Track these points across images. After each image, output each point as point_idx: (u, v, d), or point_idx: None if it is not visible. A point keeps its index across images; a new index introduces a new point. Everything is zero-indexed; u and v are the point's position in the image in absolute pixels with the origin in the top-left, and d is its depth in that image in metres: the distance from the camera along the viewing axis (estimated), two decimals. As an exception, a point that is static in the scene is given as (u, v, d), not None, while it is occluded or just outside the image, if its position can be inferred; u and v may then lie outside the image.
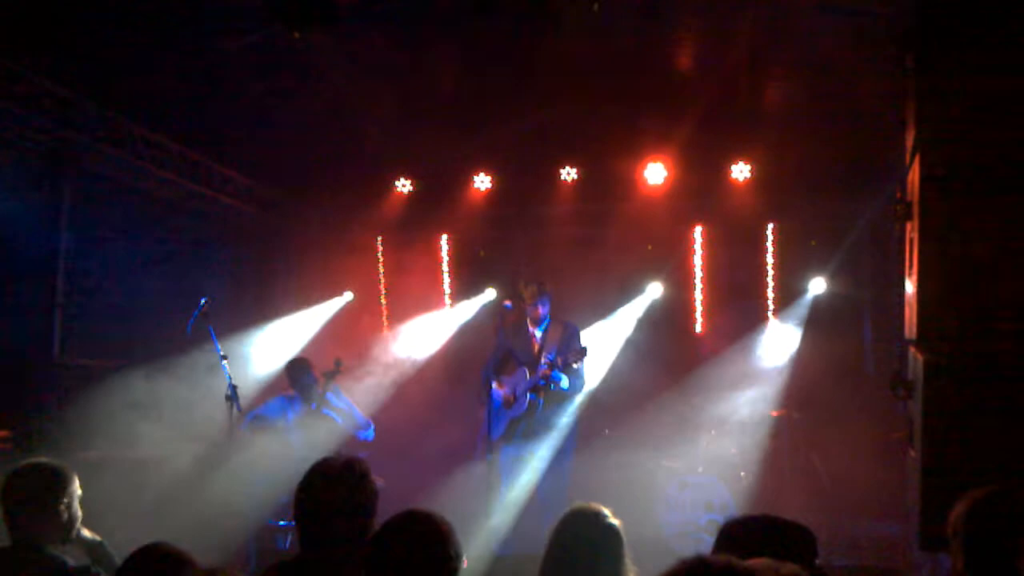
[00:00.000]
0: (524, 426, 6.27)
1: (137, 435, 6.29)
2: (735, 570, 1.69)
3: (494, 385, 6.40)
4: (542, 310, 6.44)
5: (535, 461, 6.24)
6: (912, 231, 4.62)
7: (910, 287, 4.69)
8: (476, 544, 6.11)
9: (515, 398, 6.31)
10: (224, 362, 5.75)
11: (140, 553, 2.71)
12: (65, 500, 3.23)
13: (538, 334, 6.46)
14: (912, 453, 4.58)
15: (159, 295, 7.08)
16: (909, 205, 4.64)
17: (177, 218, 7.82)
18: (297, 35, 5.45)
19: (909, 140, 4.76)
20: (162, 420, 6.30)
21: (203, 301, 5.80)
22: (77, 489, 3.29)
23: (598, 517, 2.91)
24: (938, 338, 4.39)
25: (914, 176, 4.60)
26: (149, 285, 7.16)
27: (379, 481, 3.12)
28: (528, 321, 6.50)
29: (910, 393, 4.65)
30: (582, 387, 6.36)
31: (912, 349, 4.62)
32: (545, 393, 6.23)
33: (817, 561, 2.61)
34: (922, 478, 4.28)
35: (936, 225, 4.46)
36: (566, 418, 6.33)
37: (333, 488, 2.96)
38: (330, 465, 3.05)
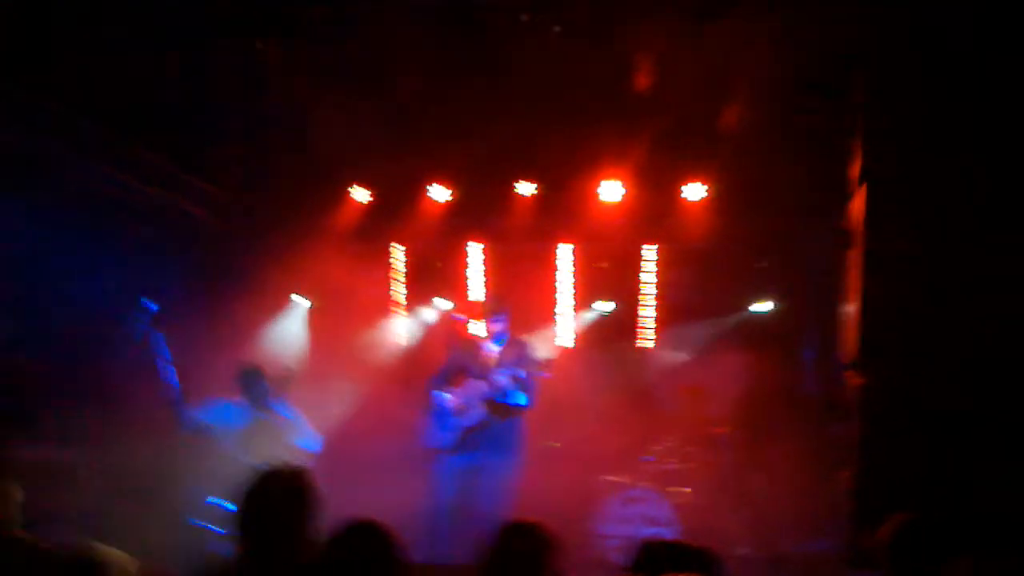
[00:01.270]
0: (472, 437, 6.28)
1: (76, 436, 6.19)
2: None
3: (444, 395, 6.41)
4: (499, 326, 6.46)
5: (479, 472, 6.25)
6: (852, 259, 4.77)
7: (847, 312, 4.82)
8: (417, 553, 6.11)
9: (466, 409, 6.32)
10: (167, 366, 5.68)
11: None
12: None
13: (493, 348, 6.48)
14: (844, 473, 4.70)
15: (104, 297, 6.95)
16: (850, 234, 4.79)
17: (125, 219, 7.68)
18: (260, 45, 5.46)
19: (853, 171, 4.91)
20: (101, 422, 6.20)
21: (149, 304, 5.73)
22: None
23: (535, 531, 2.94)
24: (872, 363, 4.52)
25: (856, 206, 4.75)
26: (94, 286, 7.03)
27: (323, 491, 3.12)
28: (481, 334, 6.52)
29: (844, 415, 4.78)
30: (533, 402, 6.39)
31: (847, 372, 4.76)
32: (497, 407, 6.25)
33: None
34: (852, 498, 4.40)
35: (875, 255, 4.60)
36: (513, 432, 6.36)
37: (275, 496, 2.97)
38: (272, 474, 3.05)
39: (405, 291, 9.15)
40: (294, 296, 8.96)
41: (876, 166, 4.57)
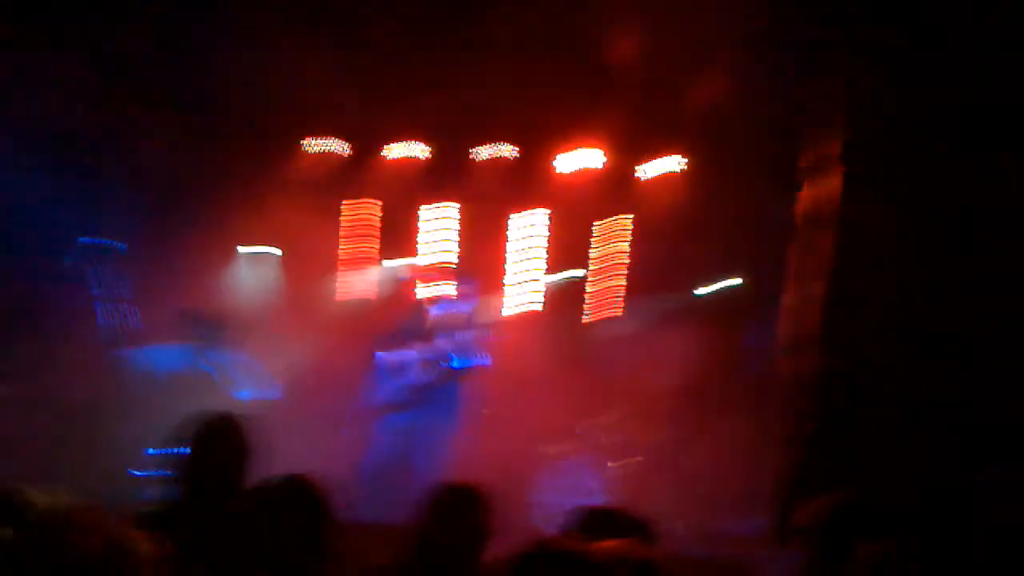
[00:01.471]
0: (414, 398, 6.29)
1: (6, 372, 6.05)
2: (575, 555, 1.76)
3: (384, 354, 6.39)
4: (465, 290, 6.44)
5: (416, 432, 6.26)
6: (804, 242, 4.85)
7: (788, 295, 4.92)
8: (352, 511, 6.11)
9: (405, 369, 6.32)
10: (104, 303, 5.54)
11: None
12: None
13: (436, 309, 6.46)
14: (780, 452, 4.82)
15: (45, 230, 6.77)
16: (796, 223, 4.87)
17: (71, 149, 7.46)
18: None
19: (803, 160, 4.98)
20: (33, 358, 6.06)
21: (87, 239, 5.59)
22: None
23: (469, 492, 2.96)
24: (819, 346, 4.62)
25: (811, 192, 4.82)
26: (35, 218, 6.84)
27: (261, 442, 3.11)
28: (428, 295, 6.50)
29: (785, 397, 4.88)
30: (474, 366, 6.40)
31: (785, 356, 4.86)
32: (438, 368, 6.25)
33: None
34: (783, 479, 4.51)
35: (827, 240, 4.68)
36: (452, 394, 6.37)
37: (207, 443, 2.95)
38: (205, 420, 3.04)
39: (360, 248, 9.04)
40: (247, 245, 8.82)
41: (847, 154, 4.63)
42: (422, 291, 6.59)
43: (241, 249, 8.74)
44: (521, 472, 7.23)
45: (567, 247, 8.67)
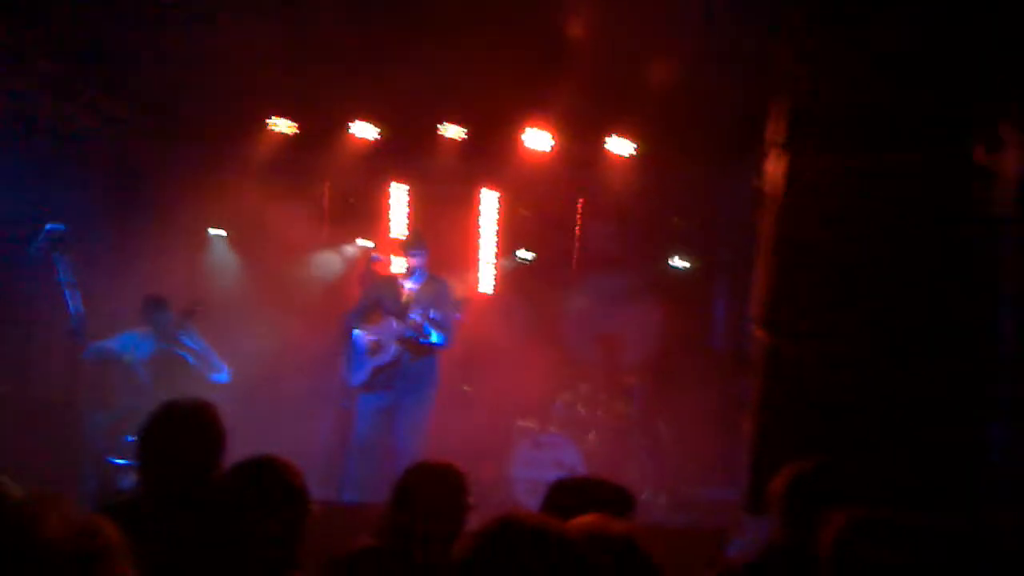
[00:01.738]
0: (386, 376, 6.27)
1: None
2: (546, 529, 1.75)
3: (358, 333, 6.37)
4: (417, 261, 6.39)
5: (393, 412, 6.26)
6: (764, 217, 4.89)
7: (758, 268, 4.96)
8: (326, 491, 6.12)
9: (381, 347, 6.29)
10: (70, 290, 5.46)
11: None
12: None
13: (409, 285, 6.42)
14: (746, 424, 4.88)
15: (4, 218, 6.66)
16: (763, 194, 4.90)
17: (29, 136, 7.32)
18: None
19: (769, 131, 5.00)
20: (8, 349, 5.98)
21: (50, 226, 5.50)
22: None
23: (444, 470, 2.98)
24: (778, 321, 4.68)
25: (770, 165, 4.86)
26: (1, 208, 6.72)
27: (233, 426, 3.08)
28: (398, 271, 6.46)
29: (750, 369, 4.94)
30: (449, 343, 6.37)
31: (754, 328, 4.91)
32: (412, 345, 6.23)
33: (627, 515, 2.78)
34: (753, 448, 4.58)
35: (784, 216, 4.72)
36: (428, 372, 6.37)
37: (177, 430, 2.93)
38: (175, 406, 3.01)
39: (325, 228, 9.00)
40: (210, 229, 8.74)
41: (793, 133, 4.67)
42: (392, 268, 6.56)
43: (208, 232, 8.67)
44: (496, 447, 7.29)
45: (531, 227, 8.70)
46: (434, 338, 6.17)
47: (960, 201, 4.59)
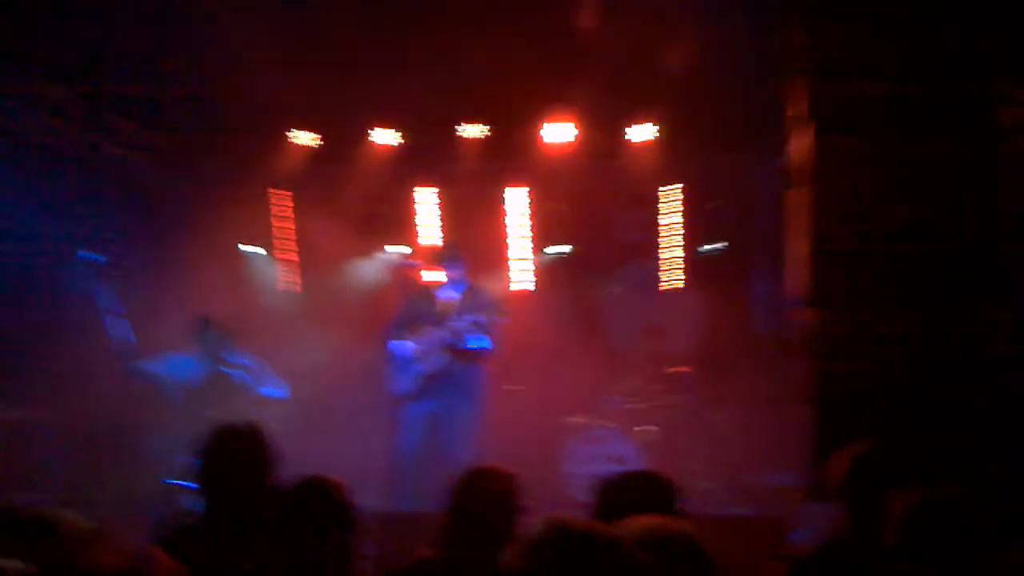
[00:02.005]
0: (433, 385, 6.25)
1: (26, 395, 6.06)
2: (595, 533, 1.72)
3: (402, 342, 6.36)
4: (454, 273, 6.40)
5: (441, 420, 6.24)
6: (794, 195, 4.81)
7: (793, 248, 4.88)
8: (380, 501, 6.13)
9: (425, 355, 6.28)
10: (114, 318, 5.54)
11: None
12: None
13: (450, 295, 6.42)
14: (799, 408, 4.80)
15: (46, 250, 6.77)
16: (792, 171, 4.82)
17: (67, 169, 7.45)
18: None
19: (791, 108, 4.92)
20: (52, 379, 6.07)
21: (91, 255, 5.58)
22: None
23: (497, 474, 2.94)
24: (819, 299, 4.59)
25: (796, 142, 4.77)
26: (37, 238, 6.84)
27: (281, 444, 3.10)
28: (436, 281, 6.45)
29: (796, 352, 4.86)
30: (492, 348, 6.35)
31: (795, 309, 4.83)
32: (456, 351, 6.21)
33: (678, 507, 2.74)
34: (808, 432, 4.50)
35: (818, 191, 4.63)
36: (475, 379, 6.33)
37: (230, 451, 2.95)
38: (227, 426, 3.03)
39: (358, 237, 9.02)
40: (244, 245, 8.81)
41: (816, 105, 4.58)
42: (427, 276, 6.55)
43: (243, 249, 8.74)
44: (551, 445, 7.25)
45: (557, 221, 8.64)
46: (477, 344, 6.13)
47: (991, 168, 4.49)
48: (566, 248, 8.59)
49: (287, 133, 8.35)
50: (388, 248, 8.81)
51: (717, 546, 2.13)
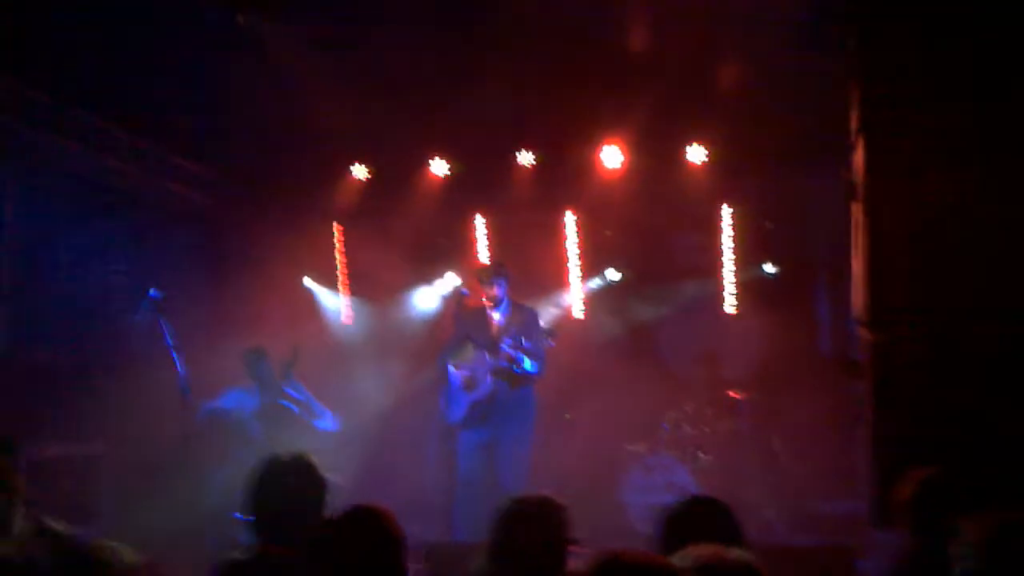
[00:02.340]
0: (483, 410, 6.17)
1: (90, 431, 6.19)
2: (652, 566, 1.65)
3: (452, 369, 6.32)
4: (499, 290, 6.28)
5: (494, 447, 6.16)
6: (858, 211, 4.68)
7: (857, 267, 4.75)
8: (436, 531, 6.09)
9: (475, 381, 6.21)
10: (176, 354, 5.63)
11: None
12: (11, 498, 3.14)
13: (496, 316, 6.34)
14: (863, 432, 4.65)
15: (111, 287, 6.95)
16: (854, 184, 4.70)
17: (128, 208, 7.66)
18: (241, 18, 5.40)
19: (853, 120, 4.81)
20: (114, 415, 6.19)
21: (152, 292, 5.68)
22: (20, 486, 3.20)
23: (542, 502, 2.85)
24: (886, 318, 4.44)
25: (859, 156, 4.66)
26: (100, 277, 7.03)
27: (333, 475, 3.10)
28: (486, 304, 6.38)
29: (860, 373, 4.71)
30: (543, 371, 6.27)
31: (860, 328, 4.69)
32: (507, 376, 6.13)
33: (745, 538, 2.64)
34: (872, 457, 4.35)
35: (878, 205, 4.51)
36: (525, 403, 6.26)
37: (280, 483, 2.96)
38: (277, 460, 3.05)
39: (415, 267, 9.09)
40: (304, 277, 8.94)
41: (873, 116, 4.47)
42: (480, 301, 6.48)
43: (302, 280, 8.87)
44: (605, 474, 7.16)
45: (608, 246, 8.60)
46: (527, 366, 6.04)
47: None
48: (617, 274, 8.52)
49: (346, 167, 8.51)
50: (444, 278, 8.85)
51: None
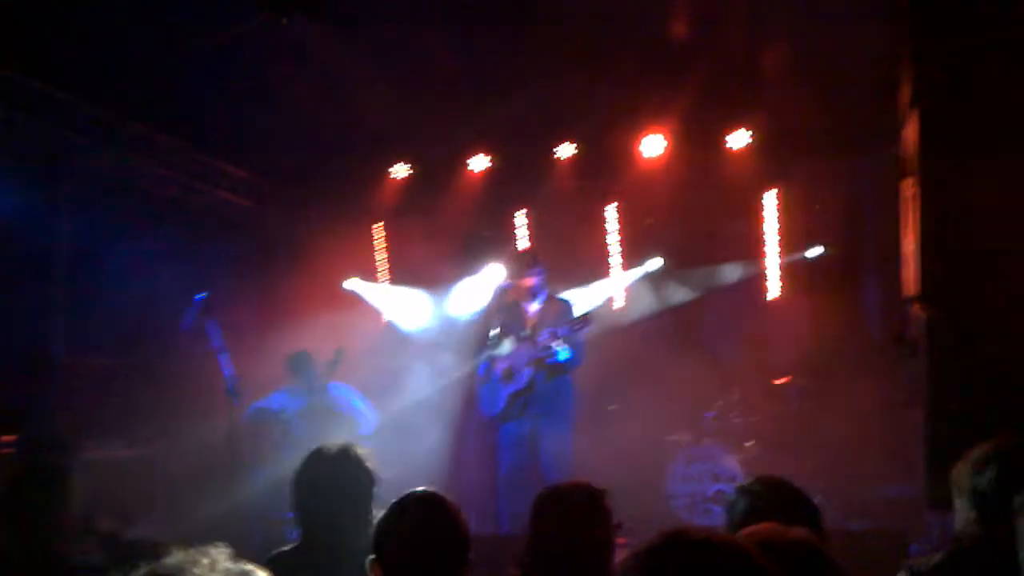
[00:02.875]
0: (522, 403, 6.09)
1: (141, 433, 6.29)
2: (712, 542, 1.60)
3: (490, 362, 6.28)
4: (536, 280, 6.22)
5: (535, 439, 6.09)
6: (909, 187, 4.57)
7: (908, 244, 4.64)
8: (481, 524, 6.09)
9: (513, 373, 6.17)
10: (223, 355, 5.70)
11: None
12: (64, 498, 3.20)
13: (534, 307, 6.28)
14: (916, 413, 4.54)
15: (160, 293, 7.07)
16: (905, 161, 4.59)
17: (175, 214, 7.79)
18: (285, 21, 5.45)
19: (904, 95, 4.69)
20: (166, 417, 6.30)
21: (200, 296, 5.76)
22: (76, 486, 3.27)
23: (579, 489, 2.80)
24: (937, 295, 4.33)
25: (910, 131, 4.55)
26: (150, 283, 7.15)
27: (380, 468, 3.07)
28: (523, 295, 6.31)
29: (912, 352, 4.60)
30: (581, 360, 6.17)
31: (913, 306, 4.58)
32: (545, 367, 6.06)
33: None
34: (926, 438, 4.24)
35: (932, 180, 4.39)
36: (564, 393, 6.17)
37: (327, 475, 2.93)
38: (324, 452, 3.02)
39: (452, 264, 9.10)
40: (348, 278, 8.99)
41: (926, 90, 4.35)
42: (519, 293, 6.40)
43: (348, 281, 8.93)
44: (649, 464, 7.09)
45: (650, 235, 8.52)
46: (564, 356, 5.97)
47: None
48: (659, 263, 8.44)
49: (388, 165, 8.55)
50: (488, 270, 8.84)
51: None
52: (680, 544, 1.57)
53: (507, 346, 6.27)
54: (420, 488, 2.63)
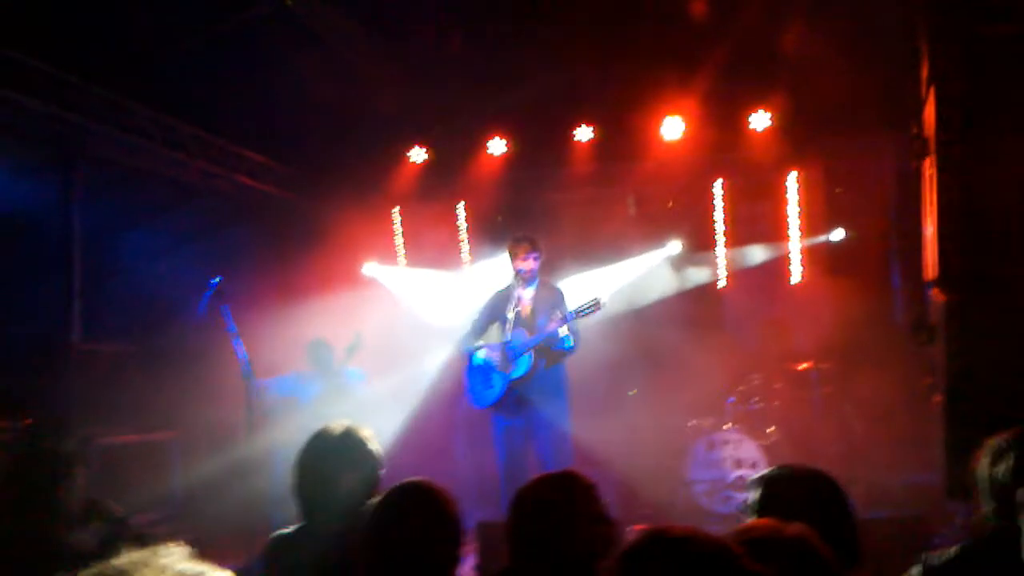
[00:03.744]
0: (517, 392, 5.85)
1: (158, 418, 6.32)
2: (693, 541, 1.55)
3: (481, 351, 6.07)
4: (533, 265, 5.93)
5: (531, 427, 5.82)
6: (929, 168, 4.45)
7: (929, 227, 4.52)
8: (486, 511, 6.03)
9: (511, 360, 5.86)
10: (237, 339, 5.68)
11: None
12: (67, 484, 3.19)
13: (527, 294, 5.99)
14: (937, 399, 4.44)
15: (177, 278, 7.08)
16: (926, 141, 4.47)
17: (192, 200, 7.80)
18: (289, 2, 5.41)
19: (923, 74, 4.57)
20: (182, 402, 6.32)
21: (215, 280, 5.74)
22: (81, 472, 3.25)
23: (559, 485, 2.69)
24: (958, 278, 4.22)
25: (930, 112, 4.42)
26: (166, 268, 7.17)
27: (386, 449, 3.03)
28: (517, 281, 6.12)
29: (933, 337, 4.49)
30: (578, 347, 5.89)
31: (933, 291, 4.47)
32: (545, 353, 5.83)
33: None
34: (947, 424, 4.14)
35: (953, 161, 4.27)
36: (559, 380, 5.90)
37: (331, 455, 2.88)
38: (328, 432, 2.97)
39: (469, 248, 9.05)
40: (366, 262, 8.98)
41: (944, 69, 4.22)
42: (523, 277, 6.16)
43: (363, 266, 8.91)
44: (670, 450, 7.02)
45: (667, 218, 8.42)
46: (569, 343, 5.76)
47: None
48: (680, 246, 8.33)
49: (405, 150, 8.52)
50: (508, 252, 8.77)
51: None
52: (660, 543, 1.53)
53: (493, 335, 6.05)
54: (415, 478, 2.61)
